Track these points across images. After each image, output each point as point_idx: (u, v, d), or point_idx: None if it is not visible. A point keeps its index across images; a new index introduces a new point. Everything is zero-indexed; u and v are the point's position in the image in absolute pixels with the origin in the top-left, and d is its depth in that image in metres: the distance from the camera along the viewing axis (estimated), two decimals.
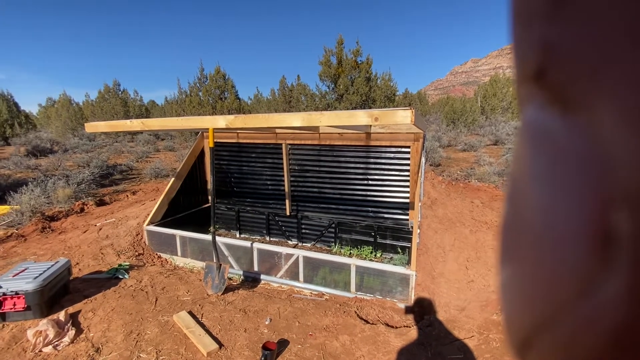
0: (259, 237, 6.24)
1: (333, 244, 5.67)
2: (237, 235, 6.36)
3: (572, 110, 0.14)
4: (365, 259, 5.18)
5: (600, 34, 0.12)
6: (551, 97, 0.14)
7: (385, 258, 5.22)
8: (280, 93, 21.25)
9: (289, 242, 6.01)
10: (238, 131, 5.73)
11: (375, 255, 5.31)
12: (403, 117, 2.62)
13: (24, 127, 23.93)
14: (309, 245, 5.86)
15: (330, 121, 2.89)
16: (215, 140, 6.23)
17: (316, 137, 5.32)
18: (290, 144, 5.56)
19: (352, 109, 13.08)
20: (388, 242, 5.25)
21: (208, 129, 3.77)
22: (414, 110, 2.58)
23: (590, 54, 0.13)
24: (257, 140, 5.78)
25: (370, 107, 13.37)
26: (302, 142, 5.45)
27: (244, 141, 5.89)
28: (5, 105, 23.15)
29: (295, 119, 3.02)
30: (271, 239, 6.16)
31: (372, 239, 5.35)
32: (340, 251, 5.55)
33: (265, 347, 2.63)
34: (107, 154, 14.30)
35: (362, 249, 5.41)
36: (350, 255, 5.38)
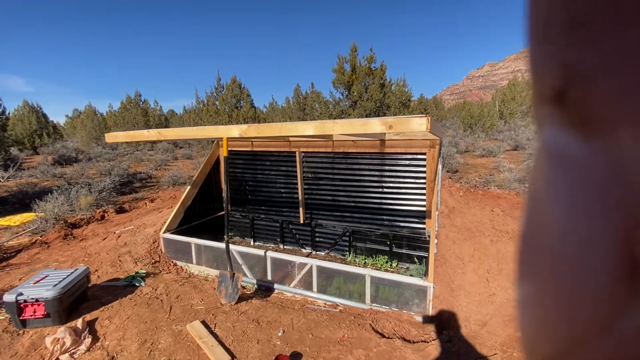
0: (272, 245, 6.23)
1: (347, 252, 5.57)
2: (252, 243, 6.37)
3: (593, 132, 0.13)
4: (380, 268, 5.06)
5: (619, 56, 0.12)
6: (571, 118, 0.14)
7: (401, 268, 5.08)
8: (295, 101, 21.45)
9: (303, 250, 5.96)
10: (252, 139, 5.77)
11: (390, 265, 5.17)
12: (419, 125, 2.54)
13: (52, 137, 25.07)
14: (322, 253, 5.79)
15: (344, 129, 2.84)
16: (230, 149, 6.30)
17: (330, 144, 5.28)
18: (303, 152, 5.54)
19: (366, 115, 13.00)
20: (404, 251, 5.11)
21: (223, 138, 3.79)
22: (429, 117, 2.49)
23: (611, 77, 0.12)
24: (271, 148, 5.80)
25: (384, 114, 13.25)
26: (316, 149, 5.42)
27: (258, 149, 5.92)
28: (35, 116, 24.36)
29: (308, 128, 2.99)
30: (285, 247, 6.13)
31: (387, 248, 5.23)
32: (354, 260, 5.45)
33: None
34: (127, 163, 14.75)
35: (377, 259, 5.28)
36: (365, 265, 5.27)
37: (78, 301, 3.49)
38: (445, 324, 3.16)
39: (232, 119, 16.23)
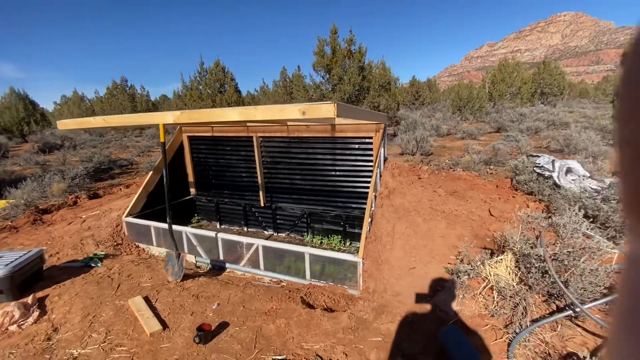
0: (237, 228, 6.46)
1: (306, 233, 5.82)
2: (218, 226, 6.60)
3: None
4: (334, 248, 5.32)
5: None
6: None
7: (353, 246, 5.34)
8: (281, 84, 21.31)
9: (265, 232, 6.20)
10: (212, 125, 5.90)
11: (344, 244, 5.42)
12: (327, 111, 2.72)
13: (40, 124, 24.96)
14: (283, 235, 6.04)
15: (264, 115, 3.00)
16: (193, 134, 6.42)
17: (285, 129, 5.42)
18: (261, 137, 5.69)
19: (347, 98, 13.03)
20: (356, 231, 5.35)
21: (171, 124, 3.94)
22: (336, 104, 2.68)
23: None
24: (230, 134, 5.93)
25: (364, 97, 13.27)
26: (272, 134, 5.56)
27: (218, 134, 6.06)
28: (22, 104, 24.17)
29: (233, 114, 3.14)
30: (249, 229, 6.37)
31: (341, 229, 5.47)
32: (312, 241, 5.70)
33: (200, 329, 2.83)
34: (111, 149, 14.83)
35: (332, 238, 5.53)
36: (321, 244, 5.52)
37: (31, 280, 3.72)
38: (369, 295, 3.42)
39: (215, 104, 16.20)
